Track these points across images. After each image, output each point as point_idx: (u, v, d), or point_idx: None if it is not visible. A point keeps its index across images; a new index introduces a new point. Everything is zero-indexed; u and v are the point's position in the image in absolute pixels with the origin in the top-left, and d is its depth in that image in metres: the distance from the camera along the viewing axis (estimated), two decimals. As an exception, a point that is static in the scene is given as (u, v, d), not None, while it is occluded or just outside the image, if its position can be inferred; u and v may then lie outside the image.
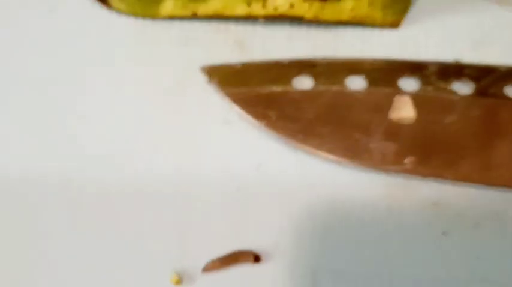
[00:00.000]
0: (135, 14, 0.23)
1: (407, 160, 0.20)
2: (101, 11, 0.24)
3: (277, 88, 0.22)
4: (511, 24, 0.24)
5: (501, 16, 0.24)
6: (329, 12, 0.23)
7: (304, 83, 0.22)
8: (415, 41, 0.23)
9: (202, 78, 0.22)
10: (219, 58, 0.23)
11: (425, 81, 0.22)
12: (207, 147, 0.22)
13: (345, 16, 0.23)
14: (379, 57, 0.23)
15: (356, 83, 0.22)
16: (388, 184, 0.21)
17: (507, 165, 0.20)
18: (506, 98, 0.22)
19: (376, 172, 0.21)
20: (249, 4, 0.23)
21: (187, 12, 0.23)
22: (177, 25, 0.23)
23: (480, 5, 0.24)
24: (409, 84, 0.22)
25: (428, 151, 0.21)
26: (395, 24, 0.23)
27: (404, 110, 0.21)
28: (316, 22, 0.23)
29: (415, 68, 0.22)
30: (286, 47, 0.23)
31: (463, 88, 0.22)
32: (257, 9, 0.23)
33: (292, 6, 0.22)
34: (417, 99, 0.22)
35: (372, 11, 0.23)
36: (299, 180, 0.21)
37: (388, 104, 0.21)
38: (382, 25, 0.23)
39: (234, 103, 0.22)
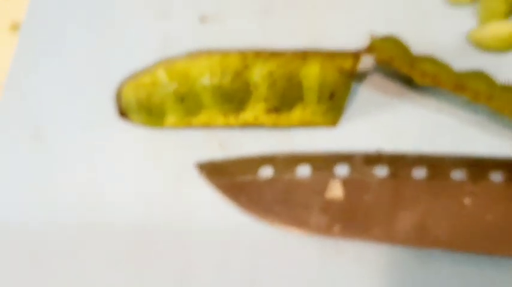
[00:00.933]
0: (147, 125, 0.33)
1: (335, 228, 0.29)
2: (123, 123, 0.33)
3: (247, 177, 0.31)
4: (421, 119, 0.33)
5: (414, 113, 0.33)
6: (283, 120, 0.32)
7: (266, 172, 0.31)
8: (348, 136, 0.32)
9: (196, 171, 0.32)
10: (207, 155, 0.32)
11: (353, 167, 0.31)
12: (201, 219, 0.31)
13: (295, 122, 0.32)
14: (321, 149, 0.32)
15: (303, 171, 0.31)
16: (323, 245, 0.30)
17: (407, 230, 0.29)
18: (411, 178, 0.30)
19: (315, 237, 0.30)
20: (226, 117, 0.32)
21: (184, 123, 0.32)
22: (177, 132, 0.33)
23: (398, 105, 0.33)
24: (342, 170, 0.31)
25: (351, 220, 0.29)
26: (333, 124, 0.32)
27: (335, 191, 0.30)
28: (275, 127, 0.32)
29: (346, 158, 0.31)
30: (254, 145, 0.32)
31: (381, 172, 0.31)
32: (232, 120, 0.32)
33: (256, 118, 0.32)
34: (346, 182, 0.30)
35: (315, 117, 0.32)
36: (261, 243, 0.30)
37: (324, 187, 0.30)
38: (323, 125, 0.32)
39: (217, 189, 0.31)
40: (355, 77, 0.33)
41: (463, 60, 0.34)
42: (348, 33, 0.34)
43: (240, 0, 0.37)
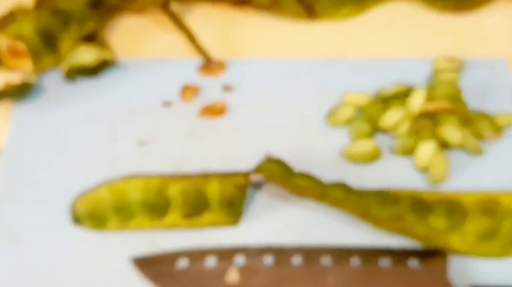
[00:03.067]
0: (94, 229, 0.43)
1: (231, 304, 0.39)
2: (76, 228, 0.43)
3: (168, 268, 0.41)
4: (302, 217, 0.44)
5: (297, 213, 0.44)
6: (195, 222, 0.42)
7: (183, 263, 0.41)
8: (246, 232, 0.42)
9: (130, 263, 0.42)
10: (139, 251, 0.42)
11: (248, 257, 0.41)
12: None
13: (204, 224, 0.42)
14: (225, 244, 0.42)
15: (210, 261, 0.41)
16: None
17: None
18: (290, 265, 0.41)
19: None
20: (152, 222, 0.42)
21: (122, 227, 0.43)
22: (117, 234, 0.43)
23: (285, 207, 0.44)
24: (239, 259, 0.41)
25: (244, 299, 0.40)
26: (234, 224, 0.43)
27: (232, 276, 0.40)
28: (190, 228, 0.43)
29: (242, 250, 0.42)
30: (175, 242, 0.42)
31: (268, 260, 0.41)
32: (157, 224, 0.42)
33: (175, 222, 0.42)
34: (241, 269, 0.41)
35: (219, 220, 0.42)
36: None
37: (225, 273, 0.41)
38: (226, 225, 0.43)
39: (146, 278, 0.41)
40: (251, 187, 0.44)
41: (338, 171, 0.46)
42: (248, 154, 0.46)
43: (170, 127, 0.49)
